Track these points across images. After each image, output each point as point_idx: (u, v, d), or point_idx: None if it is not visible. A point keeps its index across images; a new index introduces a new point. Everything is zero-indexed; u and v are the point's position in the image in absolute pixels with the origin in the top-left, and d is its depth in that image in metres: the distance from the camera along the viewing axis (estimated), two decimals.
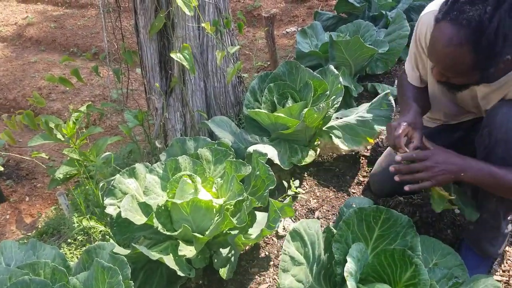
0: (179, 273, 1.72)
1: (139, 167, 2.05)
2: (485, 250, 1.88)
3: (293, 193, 2.36)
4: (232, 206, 1.99)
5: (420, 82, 2.00)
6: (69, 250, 2.29)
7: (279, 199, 2.35)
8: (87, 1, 7.28)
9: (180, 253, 1.81)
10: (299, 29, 4.89)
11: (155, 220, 1.85)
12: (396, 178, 1.70)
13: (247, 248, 2.11)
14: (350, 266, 1.51)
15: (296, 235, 1.61)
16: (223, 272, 1.86)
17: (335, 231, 1.68)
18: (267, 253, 2.10)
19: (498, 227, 1.81)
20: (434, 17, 1.51)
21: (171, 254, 1.81)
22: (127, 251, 1.71)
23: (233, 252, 1.95)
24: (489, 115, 1.68)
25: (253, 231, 1.97)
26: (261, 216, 2.04)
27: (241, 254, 2.02)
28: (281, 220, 1.84)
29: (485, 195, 1.75)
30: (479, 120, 1.85)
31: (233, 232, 1.94)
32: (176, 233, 1.85)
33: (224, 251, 1.96)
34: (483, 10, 1.35)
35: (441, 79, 1.62)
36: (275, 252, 2.10)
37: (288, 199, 1.88)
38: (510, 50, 1.41)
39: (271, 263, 2.05)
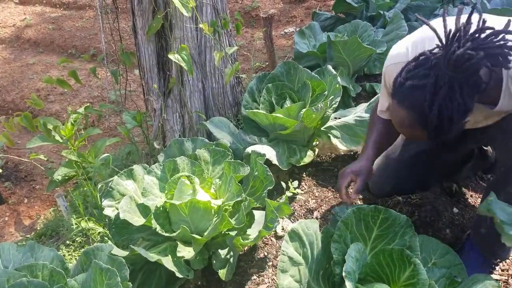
0: (178, 274, 1.72)
1: (137, 168, 2.05)
2: (496, 254, 1.88)
3: (292, 193, 2.36)
4: (230, 207, 1.99)
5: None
6: (68, 251, 2.29)
7: (277, 199, 2.35)
8: (85, 2, 7.27)
9: (178, 254, 1.81)
10: (297, 29, 4.89)
11: (153, 221, 1.85)
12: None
13: (246, 248, 2.11)
14: (348, 266, 1.51)
15: (294, 236, 1.61)
16: (222, 273, 1.85)
17: (333, 231, 1.68)
18: (265, 254, 2.10)
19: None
20: (397, 67, 1.52)
21: (169, 256, 1.81)
22: (125, 253, 1.71)
23: (231, 253, 1.95)
24: (501, 158, 1.73)
25: (252, 232, 1.97)
26: (259, 216, 2.04)
27: (240, 254, 2.02)
28: (279, 221, 1.84)
29: (495, 188, 1.74)
30: None
31: (231, 233, 1.93)
32: (174, 234, 1.85)
33: (223, 252, 1.96)
34: (423, 98, 1.38)
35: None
36: (274, 252, 2.10)
37: (284, 197, 1.88)
38: (465, 117, 1.42)
39: (270, 263, 2.05)
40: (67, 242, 2.34)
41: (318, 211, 2.31)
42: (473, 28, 1.38)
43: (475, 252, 1.92)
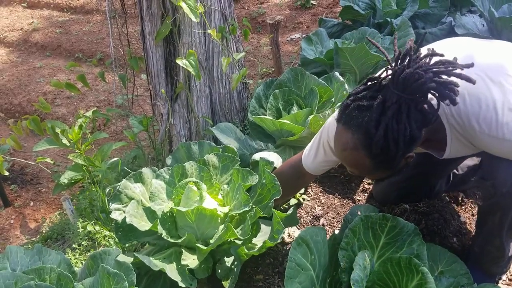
0: (181, 284, 1.71)
1: (146, 171, 2.05)
2: (490, 271, 1.87)
3: (298, 200, 2.36)
4: (237, 215, 1.99)
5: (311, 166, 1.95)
6: (74, 255, 2.29)
7: (284, 205, 2.35)
8: (92, 7, 7.31)
9: (183, 262, 1.80)
10: (303, 36, 4.90)
11: (159, 227, 1.85)
12: None
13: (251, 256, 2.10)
14: (356, 274, 1.50)
15: (302, 243, 1.60)
16: (226, 283, 1.85)
17: (341, 238, 1.67)
18: (271, 260, 2.09)
19: (503, 255, 1.80)
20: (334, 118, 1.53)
21: (174, 263, 1.81)
22: (131, 259, 1.71)
23: (236, 263, 1.93)
24: (489, 169, 1.64)
25: (257, 241, 1.96)
26: (265, 226, 2.03)
27: (246, 261, 2.02)
28: (284, 232, 1.83)
29: (490, 231, 1.74)
30: None
31: (237, 242, 1.92)
32: (180, 240, 1.85)
33: (228, 261, 1.95)
34: (370, 118, 1.35)
35: (353, 174, 1.65)
36: (280, 259, 2.10)
37: (291, 209, 1.87)
38: (409, 149, 1.40)
39: (276, 270, 2.04)
40: (73, 245, 2.34)
41: (325, 218, 2.30)
42: (423, 52, 1.39)
43: (477, 267, 1.90)
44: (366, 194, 2.46)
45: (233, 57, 2.69)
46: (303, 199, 2.40)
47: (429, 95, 1.36)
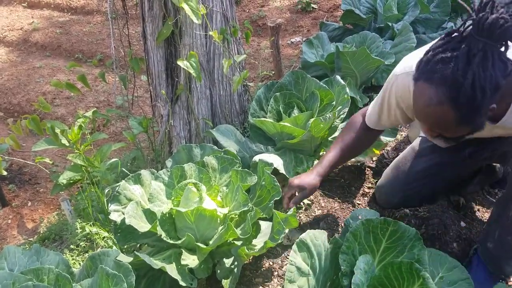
0: (181, 283, 1.70)
1: (145, 173, 2.05)
2: (503, 269, 1.87)
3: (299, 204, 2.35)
4: (236, 216, 1.98)
5: (377, 126, 2.03)
6: (71, 256, 2.27)
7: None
8: (93, 7, 7.31)
9: (183, 262, 1.79)
10: (304, 39, 4.91)
11: (158, 228, 1.84)
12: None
13: (251, 258, 2.09)
14: (357, 278, 1.49)
15: (303, 246, 1.60)
16: (226, 283, 1.84)
17: (342, 242, 1.66)
18: (271, 263, 2.08)
19: None
20: (412, 77, 1.50)
21: (174, 263, 1.80)
22: (130, 259, 1.70)
23: (236, 263, 1.93)
24: None
25: (257, 242, 1.96)
26: (265, 227, 2.03)
27: (245, 264, 2.01)
28: (285, 232, 1.82)
29: (510, 220, 1.73)
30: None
31: (237, 243, 1.92)
32: (179, 241, 1.84)
33: (228, 262, 1.94)
34: (455, 68, 1.34)
35: (432, 135, 1.63)
36: (279, 262, 2.09)
37: (292, 210, 1.87)
38: (493, 100, 1.39)
39: (275, 273, 2.03)
40: (71, 246, 2.33)
41: (324, 221, 2.29)
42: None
43: (483, 266, 1.91)
44: (366, 198, 2.45)
45: (234, 59, 2.68)
46: (303, 203, 2.39)
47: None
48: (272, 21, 3.47)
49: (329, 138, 2.57)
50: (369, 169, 2.65)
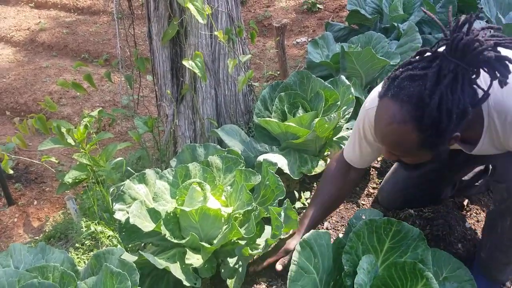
0: (185, 282, 1.70)
1: (150, 172, 2.05)
2: (495, 277, 1.86)
3: (303, 204, 2.35)
4: (240, 216, 1.98)
5: (360, 163, 1.94)
6: (77, 254, 2.29)
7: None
8: (99, 8, 7.35)
9: (187, 261, 1.80)
10: (309, 39, 4.91)
11: (162, 228, 1.85)
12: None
13: (255, 257, 2.10)
14: (360, 278, 1.50)
15: (306, 246, 1.60)
16: (231, 283, 1.84)
17: (345, 242, 1.67)
18: (275, 263, 2.08)
19: (510, 262, 1.79)
20: (377, 93, 1.46)
21: (178, 262, 1.80)
22: (134, 258, 1.71)
23: (240, 262, 1.93)
24: (504, 172, 1.60)
25: (261, 241, 1.96)
26: (269, 227, 2.03)
27: (249, 263, 2.01)
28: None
29: (500, 237, 1.71)
30: None
31: (241, 242, 1.92)
32: (183, 241, 1.84)
33: (232, 261, 1.94)
34: (423, 86, 1.28)
35: (391, 158, 1.58)
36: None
37: (286, 202, 1.86)
38: (458, 127, 1.33)
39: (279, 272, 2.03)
40: (76, 245, 2.34)
41: (329, 222, 2.29)
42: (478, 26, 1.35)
43: (481, 274, 1.89)
44: (370, 199, 2.45)
45: (239, 59, 2.69)
46: (308, 203, 2.39)
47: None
48: (277, 21, 3.47)
49: (334, 138, 2.57)
50: (373, 170, 2.65)
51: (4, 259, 1.63)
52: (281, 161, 2.31)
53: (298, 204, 2.37)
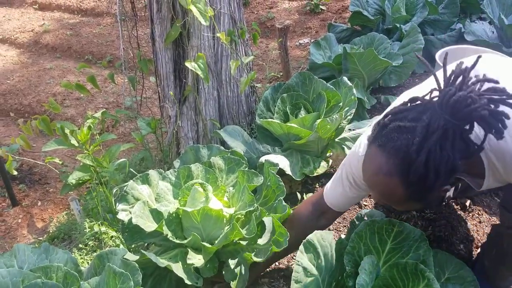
0: (187, 281, 1.71)
1: (153, 173, 2.06)
2: (497, 285, 1.85)
3: None
4: (242, 216, 1.99)
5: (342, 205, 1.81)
6: (80, 255, 2.30)
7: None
8: (103, 9, 7.37)
9: (188, 261, 1.80)
10: (312, 40, 4.91)
11: (164, 228, 1.85)
12: None
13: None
14: (362, 278, 1.50)
15: (309, 246, 1.60)
16: (234, 285, 1.84)
17: (347, 243, 1.67)
18: (277, 264, 2.09)
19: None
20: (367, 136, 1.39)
21: (180, 262, 1.81)
22: (136, 257, 1.71)
23: (242, 265, 1.91)
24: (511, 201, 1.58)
25: (262, 242, 1.96)
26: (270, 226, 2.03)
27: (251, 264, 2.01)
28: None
29: (505, 254, 1.70)
30: None
31: (242, 242, 1.92)
32: (185, 241, 1.85)
33: (233, 262, 1.94)
34: (411, 141, 1.21)
35: (380, 202, 1.56)
36: (286, 262, 2.10)
37: (278, 200, 1.86)
38: (446, 181, 1.26)
39: (282, 273, 2.04)
40: (80, 245, 2.36)
41: None
42: (474, 75, 1.25)
43: (484, 278, 1.89)
44: (373, 199, 2.45)
45: (241, 60, 2.70)
46: None
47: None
48: (280, 22, 3.48)
49: (336, 139, 2.58)
50: None
51: (8, 259, 1.64)
52: (283, 162, 2.32)
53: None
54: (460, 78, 1.24)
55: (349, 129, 2.66)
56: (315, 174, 2.44)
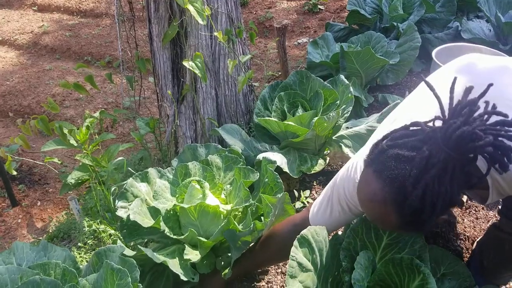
0: (183, 277, 1.73)
1: (152, 171, 2.08)
2: (495, 283, 1.84)
3: (302, 203, 2.37)
4: (239, 213, 2.01)
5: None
6: (79, 254, 2.31)
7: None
8: (102, 10, 7.38)
9: (185, 257, 1.82)
10: (310, 40, 4.92)
11: (162, 223, 1.87)
12: None
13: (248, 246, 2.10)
14: (357, 273, 1.51)
15: (304, 242, 1.61)
16: (224, 275, 1.86)
17: (342, 238, 1.68)
18: None
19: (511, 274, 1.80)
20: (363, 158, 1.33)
21: (177, 258, 1.83)
22: (133, 252, 1.72)
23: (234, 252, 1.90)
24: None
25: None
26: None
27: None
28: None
29: (505, 258, 1.69)
30: None
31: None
32: (182, 237, 1.87)
33: (229, 256, 1.96)
34: (408, 172, 1.16)
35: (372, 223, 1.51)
36: None
37: (283, 194, 1.87)
38: (444, 212, 1.23)
39: (279, 270, 2.05)
40: (79, 244, 2.37)
41: None
42: (482, 107, 1.18)
43: (480, 274, 1.89)
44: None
45: (239, 59, 2.71)
46: (308, 202, 2.41)
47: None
48: (278, 22, 3.48)
49: (333, 137, 2.59)
50: None
51: (7, 257, 1.65)
52: (281, 160, 2.33)
53: (298, 204, 2.39)
54: (466, 110, 1.17)
55: (347, 127, 2.67)
56: (312, 172, 2.45)
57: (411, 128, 1.25)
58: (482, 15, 4.09)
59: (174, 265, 1.72)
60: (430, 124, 1.23)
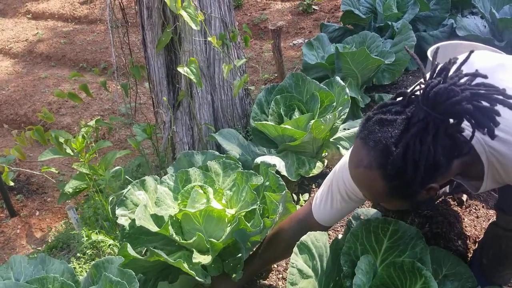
0: (197, 278, 1.71)
1: (149, 179, 2.06)
2: (495, 282, 1.84)
3: (301, 207, 2.35)
4: (243, 216, 1.99)
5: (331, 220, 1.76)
6: (78, 264, 2.30)
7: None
8: (96, 16, 7.37)
9: (194, 260, 1.79)
10: (305, 41, 4.92)
11: (170, 228, 1.84)
12: None
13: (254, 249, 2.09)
14: (358, 278, 1.50)
15: (304, 248, 1.60)
16: (234, 278, 1.84)
17: (343, 243, 1.67)
18: (275, 266, 2.09)
19: (511, 272, 1.79)
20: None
21: (185, 263, 1.81)
22: (141, 258, 1.70)
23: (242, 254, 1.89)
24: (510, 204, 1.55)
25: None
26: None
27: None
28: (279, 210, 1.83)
29: (504, 255, 1.69)
30: None
31: None
32: (191, 241, 1.84)
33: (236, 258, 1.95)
34: (390, 134, 1.20)
35: (368, 200, 1.51)
36: (284, 264, 2.10)
37: (285, 192, 1.86)
38: (430, 179, 1.23)
39: (280, 276, 2.04)
40: (78, 254, 2.35)
41: None
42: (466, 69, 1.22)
43: (481, 274, 1.88)
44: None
45: (234, 64, 2.70)
46: None
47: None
48: (273, 24, 3.48)
49: (331, 139, 2.58)
50: None
51: (4, 272, 1.64)
52: (279, 163, 2.32)
53: (297, 208, 2.37)
54: (445, 71, 1.21)
55: (344, 129, 2.66)
56: (310, 175, 2.44)
57: (397, 98, 1.29)
58: (476, 12, 4.09)
59: (186, 268, 1.70)
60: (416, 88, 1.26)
